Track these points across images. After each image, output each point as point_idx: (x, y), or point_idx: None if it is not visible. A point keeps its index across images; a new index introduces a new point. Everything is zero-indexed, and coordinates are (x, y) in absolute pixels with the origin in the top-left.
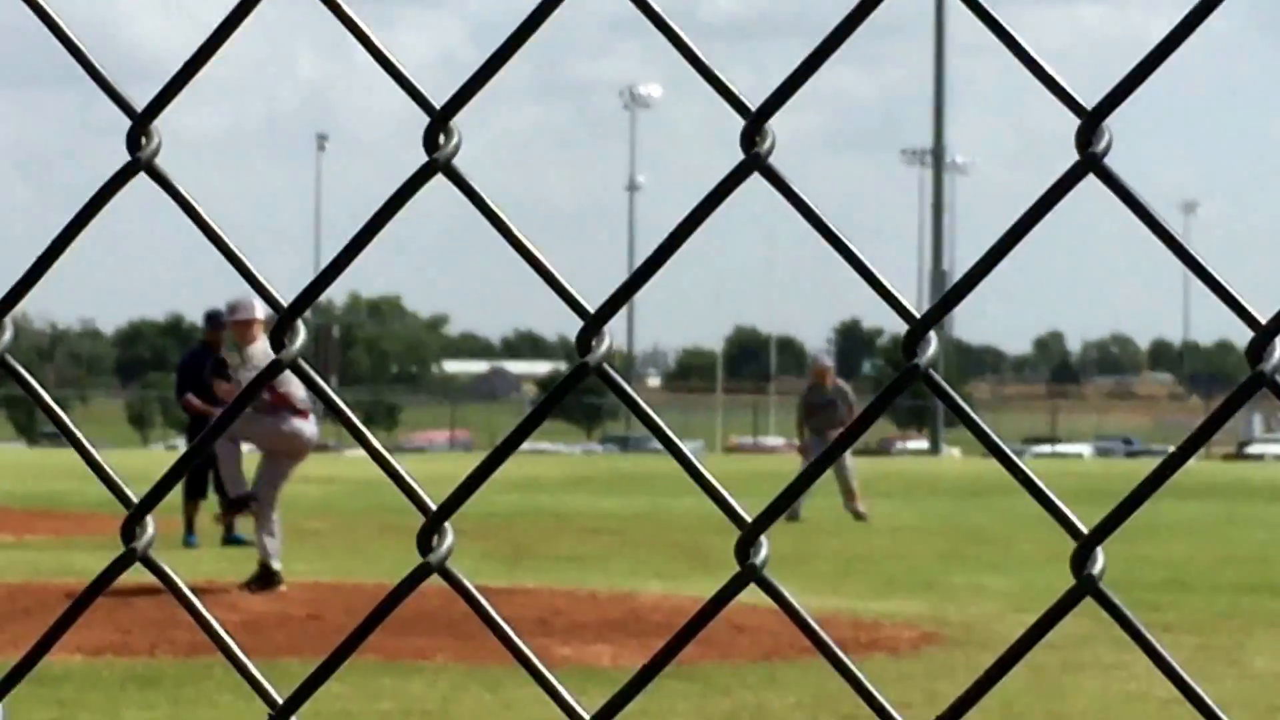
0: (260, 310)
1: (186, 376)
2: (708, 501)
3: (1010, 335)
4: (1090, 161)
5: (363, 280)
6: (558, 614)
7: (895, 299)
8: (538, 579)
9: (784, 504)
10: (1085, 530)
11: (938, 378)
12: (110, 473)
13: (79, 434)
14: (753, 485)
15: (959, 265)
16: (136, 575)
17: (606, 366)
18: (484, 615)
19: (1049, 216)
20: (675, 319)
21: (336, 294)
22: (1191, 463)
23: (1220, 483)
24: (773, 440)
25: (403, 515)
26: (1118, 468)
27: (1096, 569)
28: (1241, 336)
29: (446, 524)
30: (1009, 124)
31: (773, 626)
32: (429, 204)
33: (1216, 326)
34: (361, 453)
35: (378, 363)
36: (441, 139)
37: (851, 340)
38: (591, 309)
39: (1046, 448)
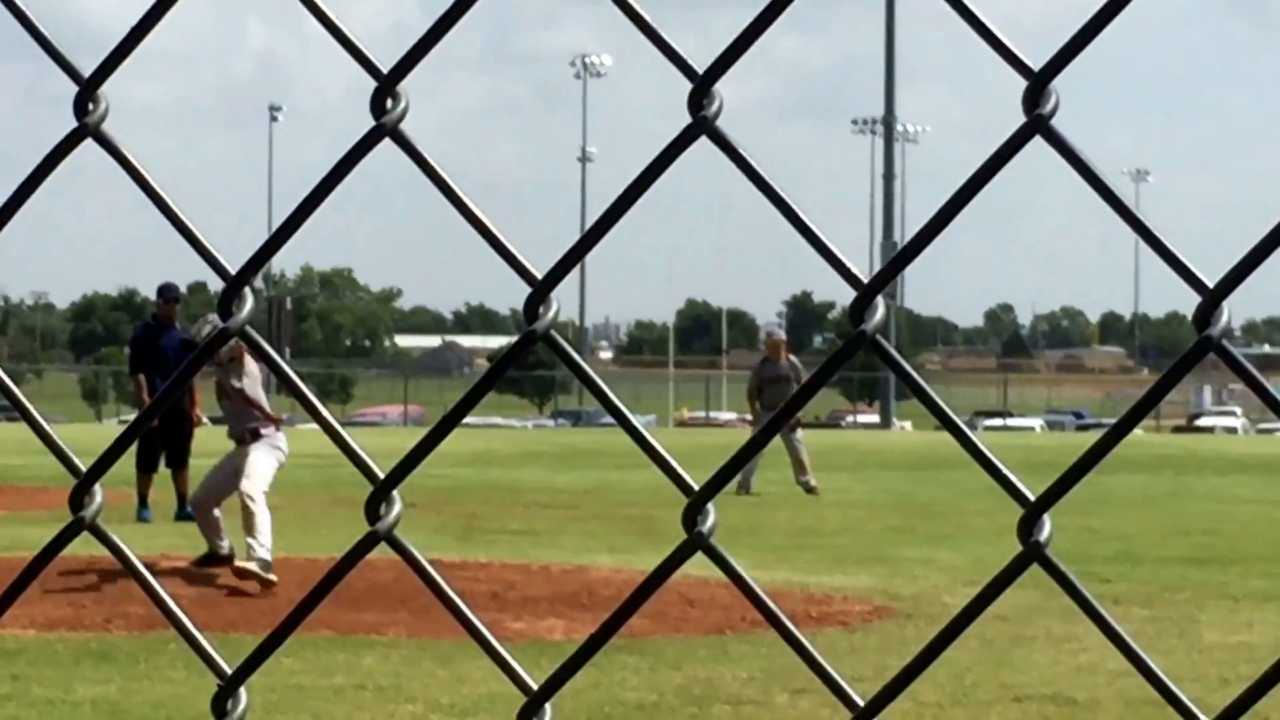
0: None
1: (139, 351)
2: (660, 475)
3: (961, 307)
4: (1037, 123)
5: (315, 253)
6: (510, 588)
7: (842, 264)
8: (490, 553)
9: (730, 472)
10: (1032, 497)
11: (885, 344)
12: (59, 442)
13: (26, 403)
14: (704, 458)
15: (910, 235)
16: (90, 549)
17: (554, 334)
18: (431, 583)
19: (1001, 188)
20: (626, 292)
21: (289, 266)
22: (1141, 435)
23: (1170, 455)
24: (725, 415)
25: (355, 489)
26: (1069, 441)
27: (1043, 536)
28: (1191, 308)
29: (395, 493)
30: (960, 93)
31: (724, 600)
32: (382, 177)
33: (1167, 299)
34: (315, 427)
35: (330, 336)
36: (389, 104)
37: (803, 313)
38: (539, 275)
39: (998, 421)
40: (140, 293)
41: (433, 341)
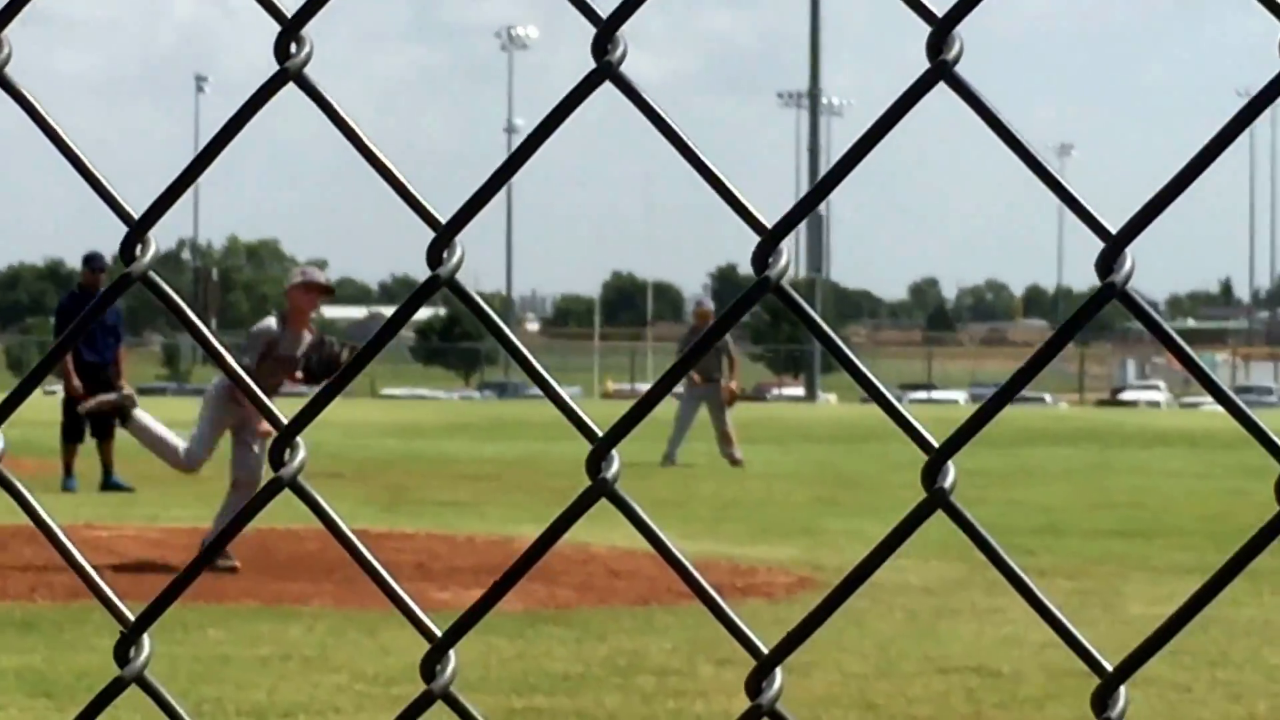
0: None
1: (64, 321)
2: (583, 446)
3: (886, 281)
4: (940, 69)
5: (242, 224)
6: (435, 558)
7: (746, 210)
8: (415, 524)
9: (632, 422)
10: (936, 444)
11: (789, 289)
12: None
13: None
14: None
15: (835, 208)
16: (13, 518)
17: (457, 279)
18: (336, 531)
19: (926, 162)
20: (553, 265)
21: (215, 237)
22: (1065, 409)
23: (1094, 429)
24: (649, 386)
25: None
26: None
27: (947, 482)
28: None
29: (299, 440)
30: (885, 67)
31: (649, 572)
32: (307, 148)
33: (1090, 273)
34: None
35: (257, 306)
36: (293, 48)
37: (728, 285)
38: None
39: (923, 394)
40: (67, 263)
41: (359, 312)
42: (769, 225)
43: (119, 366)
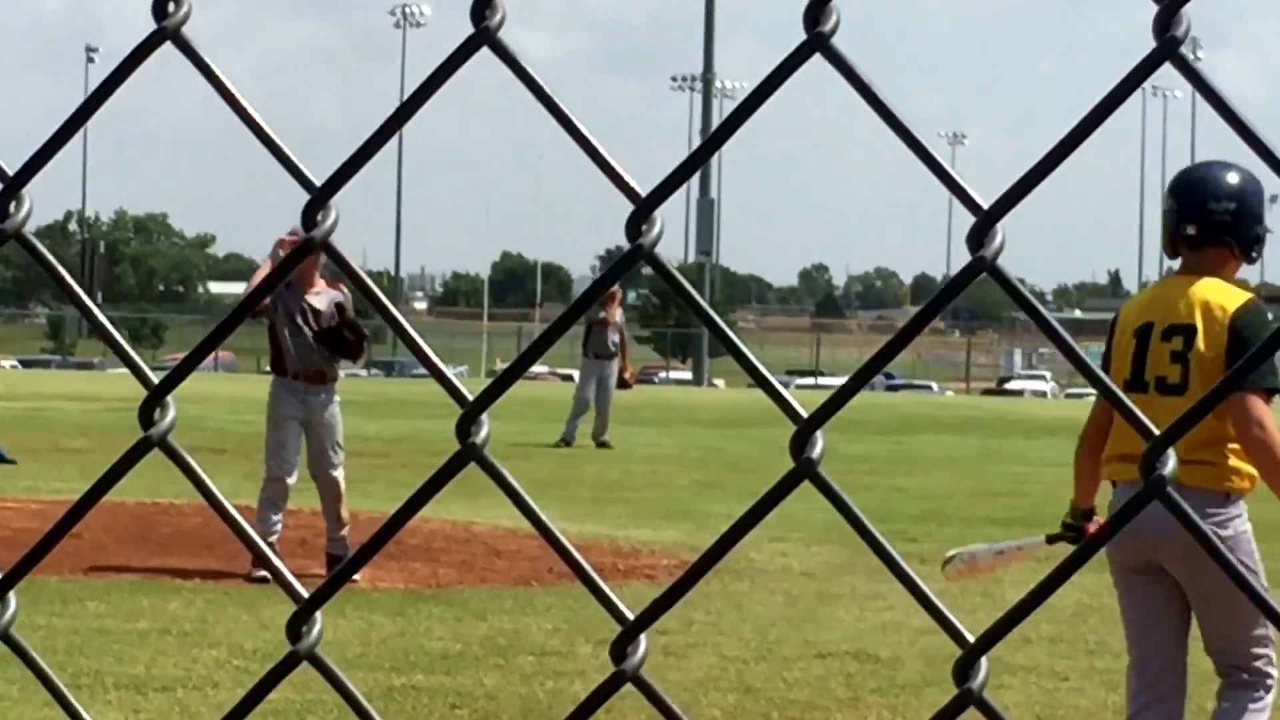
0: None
1: None
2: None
3: (775, 267)
4: (816, 40)
5: (130, 198)
6: (319, 535)
7: (621, 178)
8: (298, 501)
9: (503, 386)
10: (805, 415)
11: (661, 258)
12: None
13: None
14: (515, 410)
15: (726, 192)
16: None
17: (331, 242)
18: (204, 490)
19: (816, 147)
20: (443, 243)
21: (103, 210)
22: (951, 397)
23: (979, 418)
24: (537, 368)
25: None
26: (879, 400)
27: (815, 453)
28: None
29: (168, 399)
30: (777, 50)
31: (531, 552)
32: (197, 122)
33: None
34: (122, 371)
35: (143, 281)
36: (171, 7)
37: None
38: (318, 183)
39: (810, 380)
40: None
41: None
42: (642, 195)
43: None
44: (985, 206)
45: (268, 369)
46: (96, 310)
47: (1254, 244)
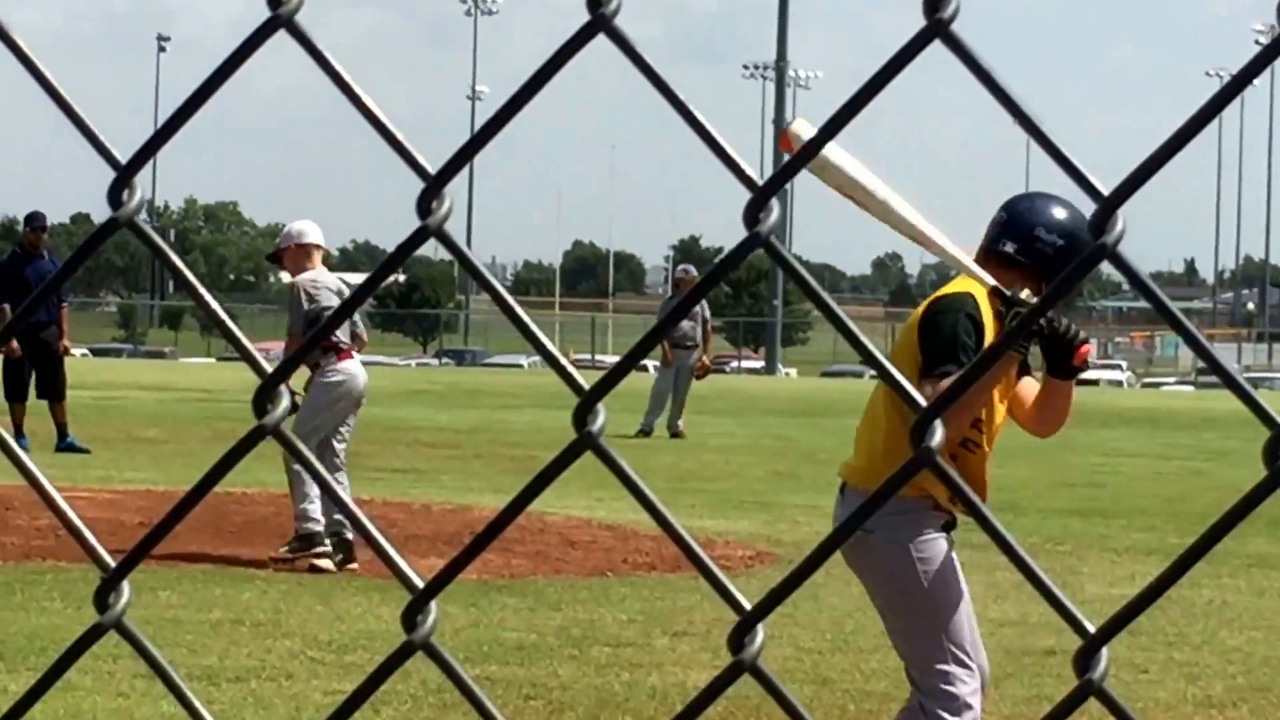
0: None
1: (4, 280)
2: (543, 416)
3: (849, 256)
4: (937, 26)
5: (201, 186)
6: (392, 526)
7: (738, 166)
8: (372, 491)
9: (620, 374)
10: (924, 402)
11: (778, 245)
12: None
13: None
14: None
15: (799, 180)
16: None
17: (446, 230)
18: (311, 470)
19: (891, 137)
20: (514, 233)
21: (173, 199)
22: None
23: None
24: (610, 358)
25: (236, 423)
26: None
27: (935, 441)
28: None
29: (282, 388)
30: (850, 40)
31: (606, 543)
32: (271, 112)
33: None
34: (197, 360)
35: (214, 270)
36: None
37: (690, 257)
38: (433, 171)
39: None
40: (20, 223)
41: None
42: (759, 183)
43: (62, 326)
44: (1106, 194)
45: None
46: (210, 298)
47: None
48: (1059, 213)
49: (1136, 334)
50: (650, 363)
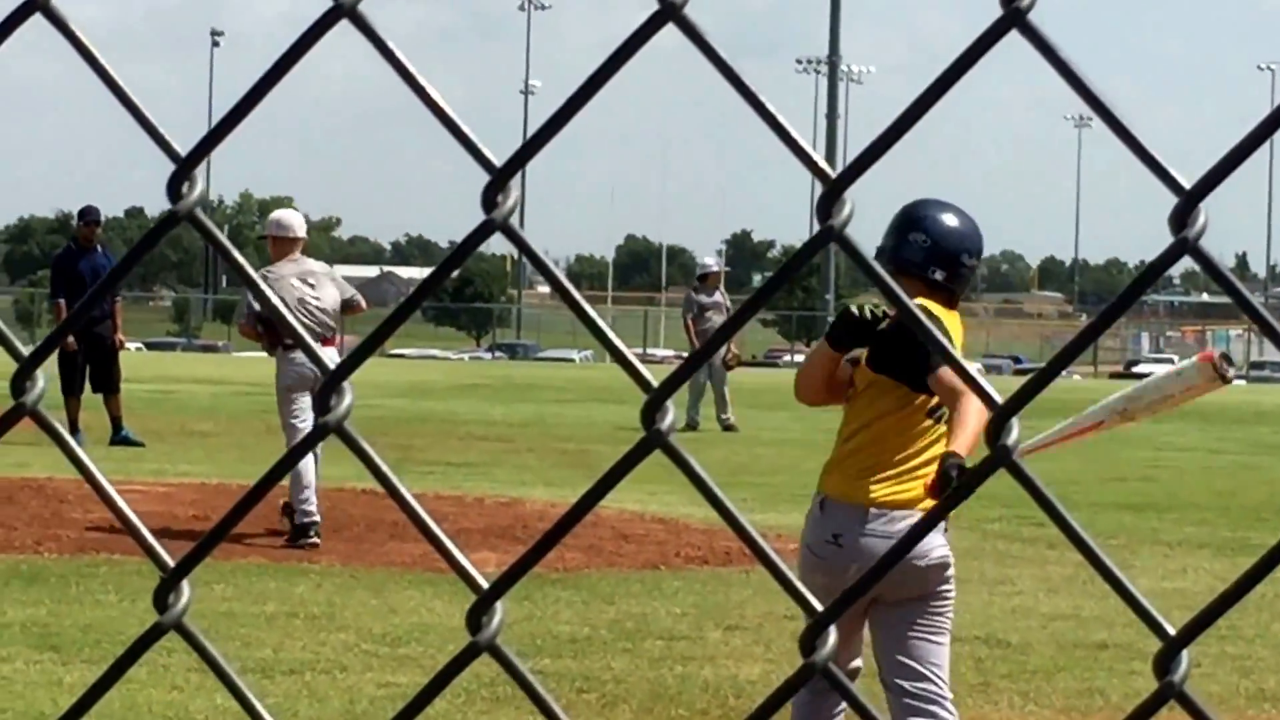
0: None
1: (59, 275)
2: (595, 410)
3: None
4: (1015, 16)
5: (255, 180)
6: (443, 519)
7: (810, 157)
8: (424, 484)
9: (686, 373)
10: (1000, 400)
11: (852, 240)
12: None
13: None
14: (636, 394)
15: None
16: (20, 471)
17: (511, 223)
18: (378, 473)
19: (945, 132)
20: (567, 226)
21: (228, 194)
22: (1079, 381)
23: None
24: (662, 351)
25: None
26: (1006, 384)
27: (1011, 440)
28: (1131, 255)
29: (345, 384)
30: (902, 34)
31: (659, 536)
32: (323, 106)
33: (1106, 246)
34: (249, 354)
35: (268, 263)
36: None
37: (742, 251)
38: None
39: None
40: (74, 217)
41: (371, 272)
42: (833, 175)
43: (116, 320)
44: (1188, 187)
45: (394, 351)
46: (270, 292)
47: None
48: (976, 231)
49: (1187, 329)
50: (661, 352)
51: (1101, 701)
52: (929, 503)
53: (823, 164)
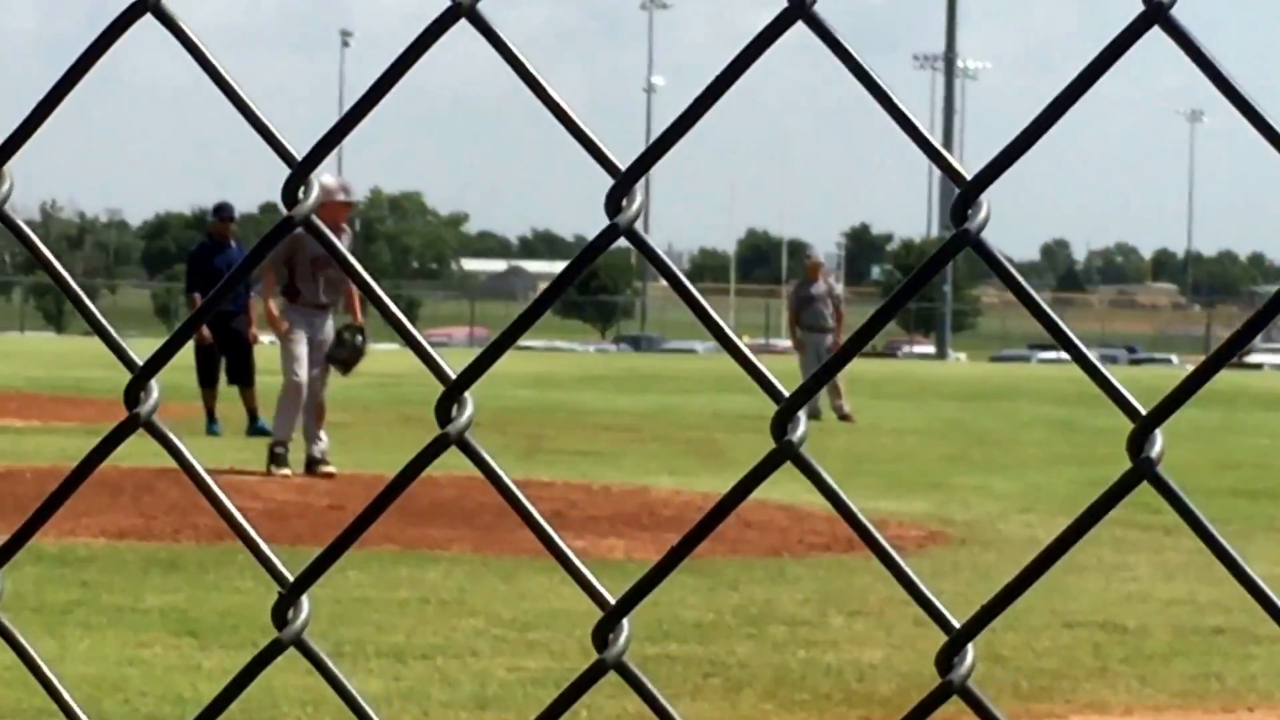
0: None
1: (195, 270)
2: (719, 399)
3: (1017, 242)
4: (1157, 12)
5: (384, 176)
6: (573, 506)
7: (942, 156)
8: (553, 473)
9: (818, 383)
10: (1144, 411)
11: (988, 244)
12: (114, 334)
13: (82, 295)
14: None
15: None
16: (159, 460)
17: (636, 228)
18: (501, 488)
19: (1062, 125)
20: (689, 221)
21: (359, 188)
22: (1189, 370)
23: (1220, 390)
24: (784, 342)
25: (423, 407)
26: (1123, 374)
27: (1154, 452)
28: (1244, 247)
29: (466, 395)
30: (1018, 31)
31: (781, 523)
32: (452, 101)
33: (1219, 238)
34: (382, 346)
35: (399, 258)
36: None
37: (861, 244)
38: (623, 168)
39: (1052, 354)
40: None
41: (499, 266)
42: (968, 178)
43: (249, 315)
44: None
45: (521, 343)
46: (382, 294)
47: None
48: None
49: None
50: (783, 343)
51: (1218, 685)
52: None
53: (958, 166)
